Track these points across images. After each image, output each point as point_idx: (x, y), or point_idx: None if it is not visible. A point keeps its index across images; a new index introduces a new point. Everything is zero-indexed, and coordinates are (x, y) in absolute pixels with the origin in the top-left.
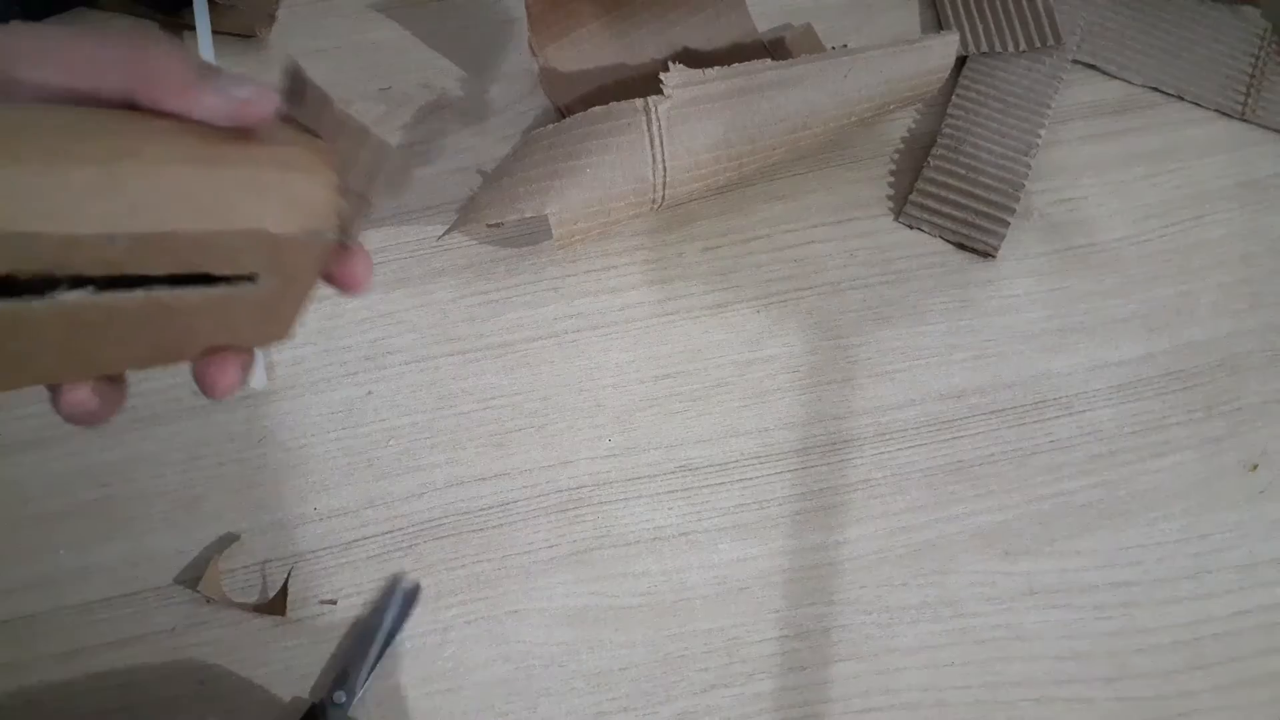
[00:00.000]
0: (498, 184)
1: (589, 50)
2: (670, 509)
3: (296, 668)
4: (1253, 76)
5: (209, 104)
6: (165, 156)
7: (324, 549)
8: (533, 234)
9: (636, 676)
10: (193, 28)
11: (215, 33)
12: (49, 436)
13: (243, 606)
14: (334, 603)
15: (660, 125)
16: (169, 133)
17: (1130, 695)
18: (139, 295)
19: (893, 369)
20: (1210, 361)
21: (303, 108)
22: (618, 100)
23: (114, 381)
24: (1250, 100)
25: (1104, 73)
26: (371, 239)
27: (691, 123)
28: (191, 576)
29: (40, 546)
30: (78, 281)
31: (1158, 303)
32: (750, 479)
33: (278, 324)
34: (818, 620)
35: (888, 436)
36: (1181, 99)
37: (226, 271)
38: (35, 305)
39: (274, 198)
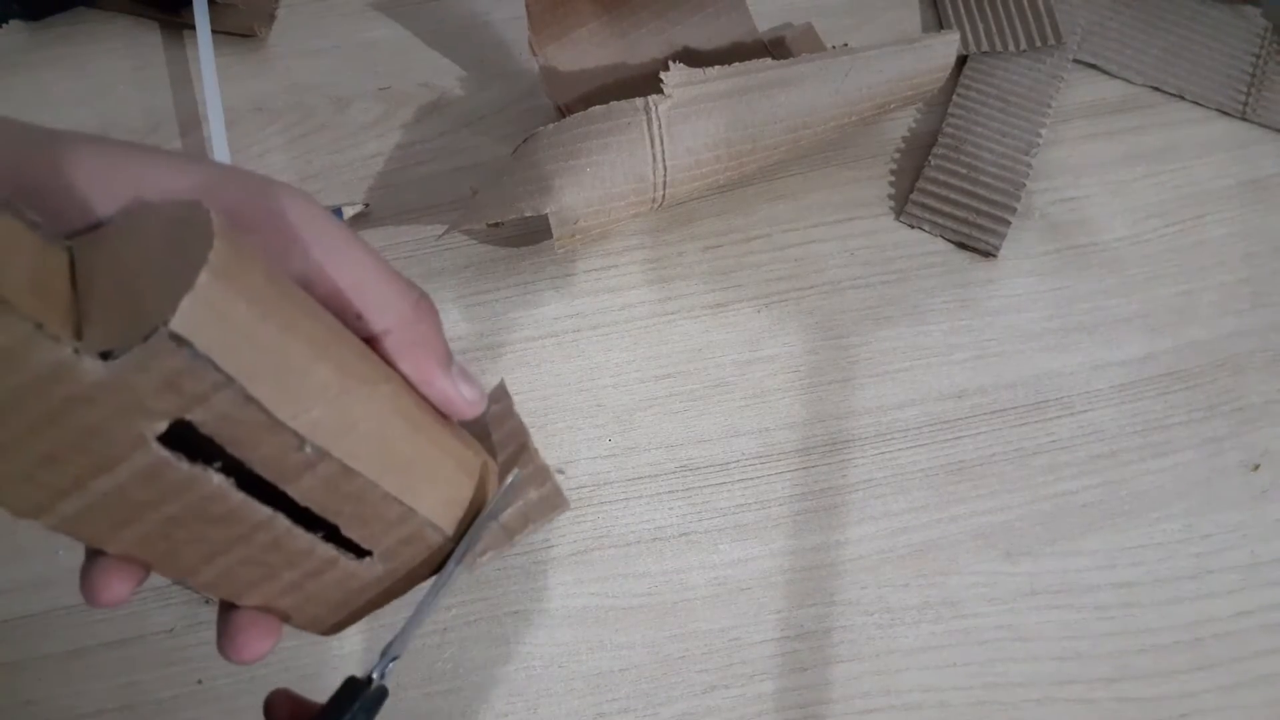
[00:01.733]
0: (498, 184)
1: (589, 50)
2: (670, 509)
3: (296, 668)
4: (1253, 76)
5: (438, 386)
6: (394, 406)
7: None
8: (533, 234)
9: (636, 677)
10: (193, 27)
11: (215, 32)
12: None
13: None
14: None
15: (660, 124)
16: (400, 383)
17: (1132, 696)
18: (265, 512)
19: (893, 369)
20: (1212, 361)
21: (496, 421)
22: (618, 100)
23: (146, 570)
24: (1251, 100)
25: (1105, 72)
26: (372, 239)
27: (692, 122)
28: None
29: (40, 546)
30: (226, 467)
31: (1159, 302)
32: (751, 479)
33: (333, 615)
34: (818, 621)
35: (888, 436)
36: (1182, 98)
37: (356, 536)
38: (182, 467)
39: (443, 492)
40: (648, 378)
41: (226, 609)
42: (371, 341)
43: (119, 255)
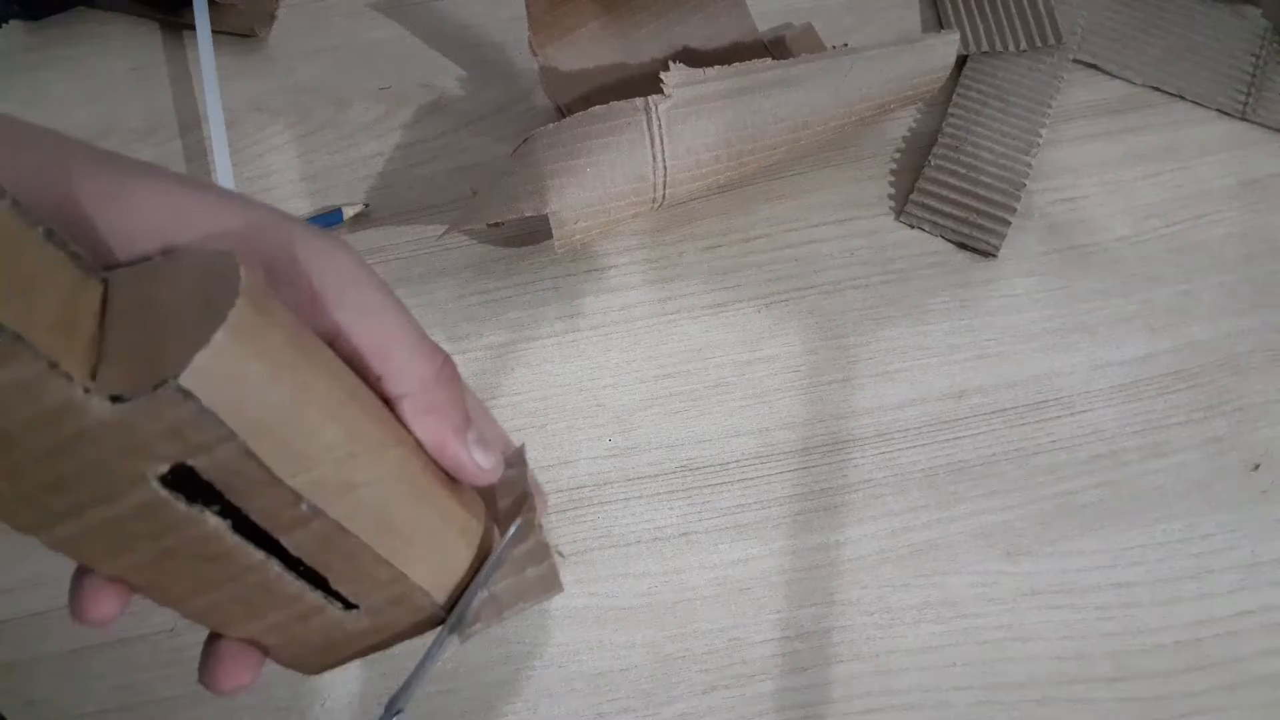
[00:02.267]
0: (498, 184)
1: (589, 50)
2: (670, 509)
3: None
4: (1253, 76)
5: (450, 453)
6: (399, 471)
7: None
8: (533, 234)
9: (637, 677)
10: (193, 27)
11: (215, 32)
12: None
13: None
14: None
15: (660, 124)
16: (411, 447)
17: (1132, 696)
18: (258, 556)
19: (894, 369)
20: (1212, 361)
21: (507, 486)
22: (618, 100)
23: (133, 591)
24: (1251, 100)
25: (1105, 72)
26: (372, 239)
27: (692, 122)
28: None
29: (40, 546)
30: (224, 510)
31: (1159, 302)
32: (751, 479)
33: (317, 658)
34: (819, 621)
35: (889, 436)
36: (1182, 98)
37: (344, 591)
38: (179, 507)
39: (438, 559)
40: (648, 378)
41: (213, 638)
42: (390, 402)
43: (150, 296)
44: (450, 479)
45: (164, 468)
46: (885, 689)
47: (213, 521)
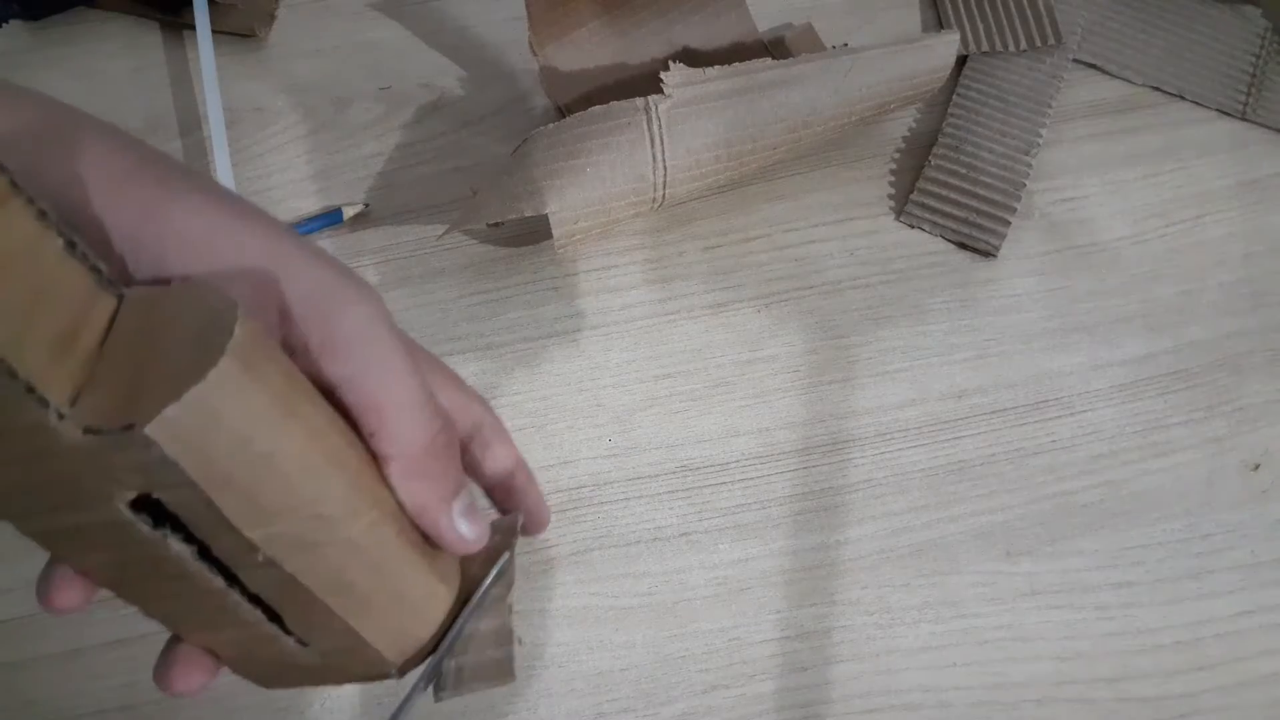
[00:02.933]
0: (498, 184)
1: (589, 49)
2: (671, 509)
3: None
4: (1254, 76)
5: (429, 520)
6: (369, 538)
7: None
8: (533, 234)
9: (637, 677)
10: (193, 27)
11: (215, 32)
12: None
13: None
14: None
15: (660, 124)
16: (389, 510)
17: (1132, 696)
18: (219, 583)
19: (893, 369)
20: (1212, 361)
21: (490, 555)
22: (618, 99)
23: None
24: (1251, 100)
25: (1105, 72)
26: (372, 239)
27: (692, 122)
28: None
29: (40, 547)
30: (190, 535)
31: (1159, 302)
32: (751, 479)
33: (272, 677)
34: (819, 621)
35: (889, 436)
36: (1182, 98)
37: (298, 632)
38: (144, 529)
39: (397, 621)
40: (648, 378)
41: (173, 639)
42: (379, 460)
43: (155, 324)
44: (429, 542)
45: (131, 495)
46: (885, 689)
47: (176, 547)
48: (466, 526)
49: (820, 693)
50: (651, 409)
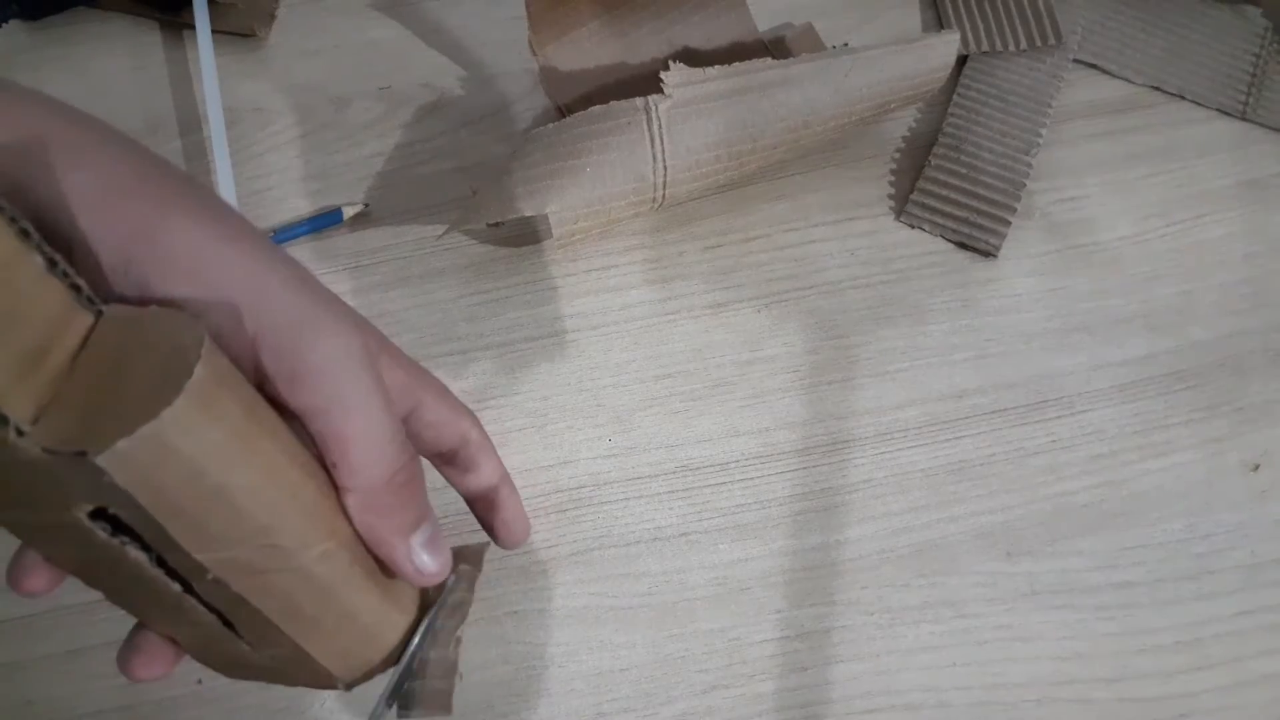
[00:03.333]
0: (498, 184)
1: (589, 49)
2: (670, 509)
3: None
4: (1254, 76)
5: (385, 553)
6: (319, 565)
7: None
8: (533, 233)
9: (637, 678)
10: (193, 27)
11: (215, 32)
12: None
13: None
14: None
15: (660, 124)
16: (344, 541)
17: (1132, 696)
18: (175, 588)
19: (894, 369)
20: (1212, 361)
21: (457, 585)
22: (618, 99)
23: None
24: (1251, 100)
25: (1105, 72)
26: (372, 239)
27: (692, 121)
28: None
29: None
30: (145, 544)
31: (1159, 302)
32: (751, 479)
33: (232, 670)
34: (819, 621)
35: (889, 436)
36: (1183, 98)
37: (249, 640)
38: (101, 536)
39: (346, 644)
40: (648, 378)
41: (138, 626)
42: (339, 491)
43: (126, 346)
44: (385, 571)
45: (89, 507)
46: (885, 689)
47: (133, 554)
48: (427, 558)
49: (820, 693)
50: (651, 409)
